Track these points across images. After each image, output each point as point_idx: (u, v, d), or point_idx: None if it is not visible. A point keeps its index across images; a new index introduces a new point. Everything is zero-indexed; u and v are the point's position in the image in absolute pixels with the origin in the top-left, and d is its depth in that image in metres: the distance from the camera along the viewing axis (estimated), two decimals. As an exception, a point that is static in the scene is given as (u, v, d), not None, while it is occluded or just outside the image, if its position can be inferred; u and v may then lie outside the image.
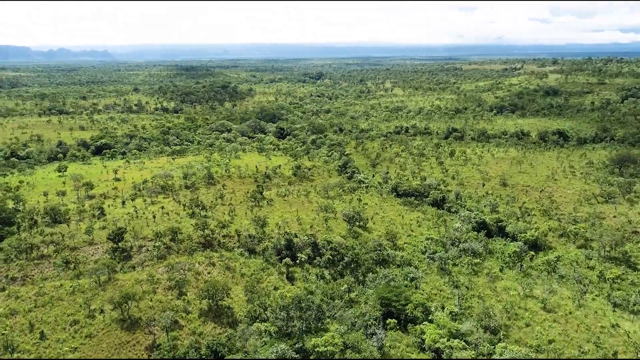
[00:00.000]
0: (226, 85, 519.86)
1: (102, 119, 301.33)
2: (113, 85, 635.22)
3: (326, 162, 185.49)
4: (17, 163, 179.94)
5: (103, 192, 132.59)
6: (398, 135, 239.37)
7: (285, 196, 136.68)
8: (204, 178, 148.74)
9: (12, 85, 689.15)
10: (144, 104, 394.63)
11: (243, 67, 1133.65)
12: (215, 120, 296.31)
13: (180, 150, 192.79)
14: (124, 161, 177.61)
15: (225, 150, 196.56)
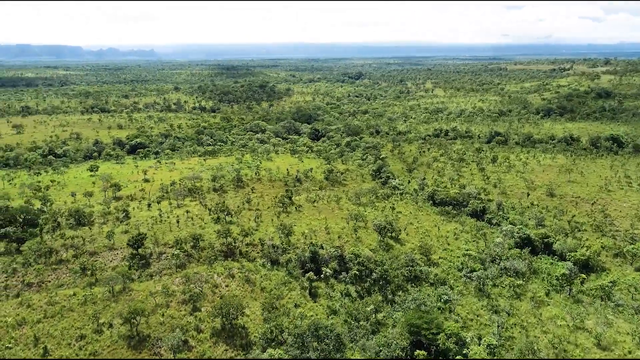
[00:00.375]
0: (264, 84, 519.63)
1: (141, 118, 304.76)
2: (156, 84, 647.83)
3: (360, 165, 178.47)
4: (53, 161, 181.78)
5: (130, 193, 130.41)
6: (437, 138, 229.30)
7: (315, 202, 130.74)
8: (233, 181, 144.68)
9: (62, 83, 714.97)
10: (182, 103, 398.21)
11: (283, 66, 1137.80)
12: (250, 120, 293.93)
13: (212, 150, 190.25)
14: (156, 161, 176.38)
15: (257, 151, 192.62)
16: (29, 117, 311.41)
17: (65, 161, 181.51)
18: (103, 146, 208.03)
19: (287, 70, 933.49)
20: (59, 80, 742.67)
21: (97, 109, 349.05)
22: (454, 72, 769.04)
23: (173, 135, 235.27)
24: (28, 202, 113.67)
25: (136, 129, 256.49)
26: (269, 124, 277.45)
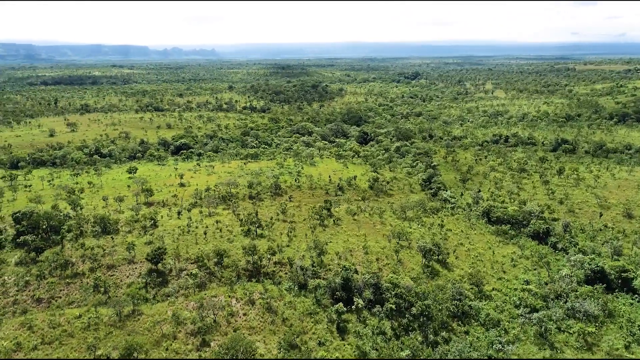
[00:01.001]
0: (316, 84, 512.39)
1: (191, 117, 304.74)
2: (212, 83, 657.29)
3: (409, 174, 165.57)
4: (98, 161, 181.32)
5: (163, 199, 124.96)
6: (496, 145, 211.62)
7: (356, 215, 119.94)
8: (270, 188, 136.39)
9: (124, 81, 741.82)
10: (234, 102, 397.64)
11: (339, 66, 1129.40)
12: (299, 121, 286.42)
13: (254, 154, 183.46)
14: (196, 164, 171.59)
15: (301, 155, 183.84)
16: (86, 114, 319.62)
17: (108, 161, 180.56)
18: (148, 146, 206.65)
19: (343, 70, 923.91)
20: (123, 79, 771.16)
21: (151, 108, 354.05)
22: (516, 72, 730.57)
23: (218, 136, 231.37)
24: (56, 207, 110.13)
25: (184, 128, 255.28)
26: (318, 125, 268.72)
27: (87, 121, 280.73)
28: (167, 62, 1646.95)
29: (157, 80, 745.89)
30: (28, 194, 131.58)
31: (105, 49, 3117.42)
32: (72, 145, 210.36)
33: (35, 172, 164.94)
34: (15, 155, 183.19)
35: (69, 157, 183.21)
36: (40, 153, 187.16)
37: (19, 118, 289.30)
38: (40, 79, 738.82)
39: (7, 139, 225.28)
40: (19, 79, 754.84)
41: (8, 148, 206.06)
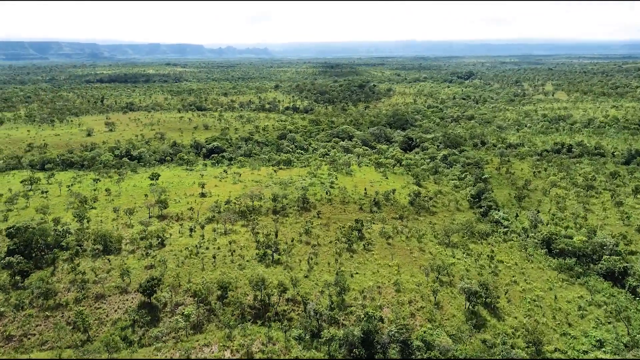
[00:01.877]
0: (364, 84, 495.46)
1: (231, 118, 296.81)
2: (259, 81, 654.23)
3: (456, 187, 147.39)
4: (126, 164, 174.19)
5: (178, 212, 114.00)
6: (557, 155, 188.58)
7: (391, 238, 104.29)
8: (298, 201, 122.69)
9: (176, 79, 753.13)
10: (277, 102, 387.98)
11: (389, 65, 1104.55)
12: (341, 123, 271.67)
13: (287, 160, 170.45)
14: (223, 170, 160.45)
15: (337, 163, 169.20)
16: (129, 113, 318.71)
17: (136, 165, 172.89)
18: (180, 149, 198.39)
19: (393, 69, 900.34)
20: (174, 77, 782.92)
21: (193, 107, 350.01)
22: (579, 72, 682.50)
23: (254, 138, 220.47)
24: (57, 220, 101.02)
25: (220, 129, 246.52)
26: (360, 128, 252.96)
27: (128, 120, 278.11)
28: (219, 61, 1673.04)
29: (207, 79, 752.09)
30: (42, 200, 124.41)
31: (163, 47, 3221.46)
32: (106, 146, 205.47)
33: (59, 175, 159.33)
34: (46, 156, 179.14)
35: (98, 159, 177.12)
36: (70, 154, 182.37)
37: (63, 116, 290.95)
38: (98, 77, 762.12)
39: (45, 137, 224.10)
40: (79, 77, 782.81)
41: (43, 148, 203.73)
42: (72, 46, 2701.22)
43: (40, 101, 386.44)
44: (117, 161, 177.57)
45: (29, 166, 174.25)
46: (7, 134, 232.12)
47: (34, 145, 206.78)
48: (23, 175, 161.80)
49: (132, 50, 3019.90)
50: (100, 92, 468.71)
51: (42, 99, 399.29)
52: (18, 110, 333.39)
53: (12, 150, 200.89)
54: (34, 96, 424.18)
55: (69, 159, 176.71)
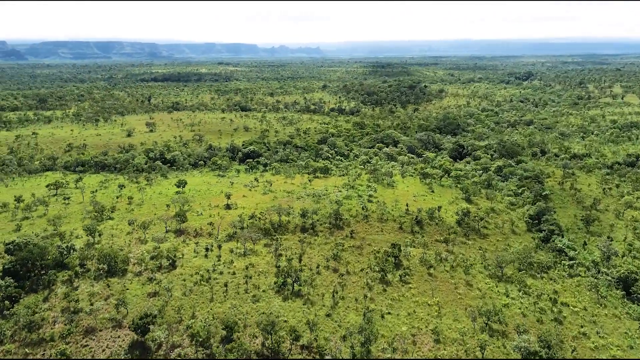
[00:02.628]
0: (414, 84, 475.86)
1: (273, 119, 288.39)
2: (308, 81, 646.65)
3: (512, 204, 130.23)
4: (158, 167, 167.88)
5: (197, 227, 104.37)
6: (631, 169, 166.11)
7: (432, 267, 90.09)
8: (330, 217, 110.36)
9: (226, 79, 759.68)
10: (322, 103, 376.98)
11: (443, 64, 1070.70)
12: (387, 127, 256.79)
13: (324, 167, 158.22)
14: (255, 177, 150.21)
15: (379, 172, 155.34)
16: (173, 113, 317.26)
17: (166, 170, 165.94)
18: (215, 152, 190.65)
19: (446, 69, 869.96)
20: (225, 76, 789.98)
21: (237, 107, 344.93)
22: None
23: (293, 142, 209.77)
24: (62, 235, 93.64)
25: (260, 132, 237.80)
26: (407, 133, 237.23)
27: (170, 120, 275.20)
28: (271, 60, 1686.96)
29: (257, 78, 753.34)
30: (61, 208, 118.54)
31: (218, 47, 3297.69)
32: (143, 148, 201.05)
33: (88, 178, 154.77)
34: (81, 158, 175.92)
35: (131, 162, 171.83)
36: (104, 156, 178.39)
37: (108, 115, 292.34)
38: (152, 76, 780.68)
39: (86, 137, 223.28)
40: (135, 75, 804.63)
41: (82, 148, 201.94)
42: (133, 46, 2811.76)
43: (92, 100, 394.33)
44: (150, 164, 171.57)
45: (63, 168, 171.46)
46: (51, 133, 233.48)
47: (74, 145, 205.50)
48: (55, 177, 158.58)
49: (188, 50, 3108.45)
50: (150, 91, 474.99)
51: (94, 98, 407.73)
52: (70, 109, 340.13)
53: (52, 150, 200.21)
54: (87, 95, 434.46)
55: (102, 161, 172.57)
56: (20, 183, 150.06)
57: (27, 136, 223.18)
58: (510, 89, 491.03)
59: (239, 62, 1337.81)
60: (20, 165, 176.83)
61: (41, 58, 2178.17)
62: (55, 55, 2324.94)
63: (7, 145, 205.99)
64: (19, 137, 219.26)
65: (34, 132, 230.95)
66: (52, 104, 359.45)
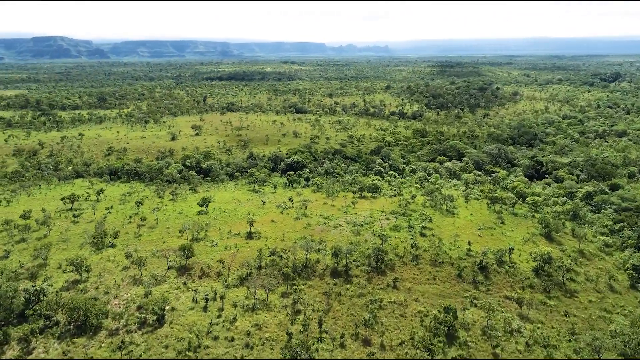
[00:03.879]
0: (485, 86, 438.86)
1: (327, 123, 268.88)
2: (371, 81, 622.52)
3: (607, 246, 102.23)
4: (190, 178, 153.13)
5: (205, 264, 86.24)
6: None
7: (499, 346, 66.35)
8: (370, 258, 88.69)
9: (289, 78, 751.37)
10: (382, 106, 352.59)
11: (517, 64, 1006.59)
12: (452, 135, 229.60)
13: (373, 186, 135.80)
14: (290, 197, 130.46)
15: (437, 194, 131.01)
16: (226, 114, 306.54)
17: (197, 182, 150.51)
18: (255, 161, 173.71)
19: (521, 69, 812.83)
20: (288, 75, 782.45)
21: (292, 109, 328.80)
22: None
23: (344, 151, 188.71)
24: (34, 274, 78.44)
25: (310, 138, 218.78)
26: (475, 143, 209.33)
27: (219, 123, 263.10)
28: (338, 59, 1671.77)
29: (319, 77, 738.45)
30: (67, 227, 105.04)
31: (286, 46, 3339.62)
32: (183, 153, 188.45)
33: (114, 189, 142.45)
34: (113, 165, 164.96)
35: (165, 171, 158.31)
36: (137, 164, 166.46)
37: (159, 116, 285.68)
38: (219, 74, 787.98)
39: (130, 140, 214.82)
40: (202, 74, 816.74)
41: (122, 152, 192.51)
42: (206, 44, 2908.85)
43: (152, 99, 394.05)
44: (183, 174, 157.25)
45: (95, 175, 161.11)
46: (97, 135, 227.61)
47: (114, 149, 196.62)
48: (82, 185, 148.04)
49: (258, 49, 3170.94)
50: (210, 90, 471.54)
51: (154, 97, 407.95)
52: (127, 108, 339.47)
53: (92, 154, 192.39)
54: (148, 94, 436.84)
55: (135, 169, 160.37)
56: (45, 192, 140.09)
57: (72, 137, 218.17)
58: (595, 92, 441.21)
59: (304, 61, 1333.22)
60: (56, 169, 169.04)
61: (122, 56, 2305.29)
62: (135, 54, 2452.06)
63: (51, 147, 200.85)
64: (64, 139, 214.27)
65: (81, 133, 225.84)
66: (111, 102, 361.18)
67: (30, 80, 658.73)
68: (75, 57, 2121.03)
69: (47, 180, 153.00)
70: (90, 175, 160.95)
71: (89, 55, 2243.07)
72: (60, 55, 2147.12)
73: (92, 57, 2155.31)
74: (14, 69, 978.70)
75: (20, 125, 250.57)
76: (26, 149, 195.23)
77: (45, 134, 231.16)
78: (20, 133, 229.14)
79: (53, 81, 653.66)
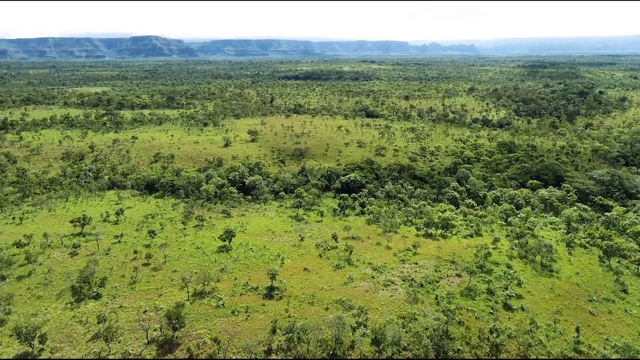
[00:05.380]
0: (586, 90, 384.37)
1: (399, 130, 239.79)
2: (453, 82, 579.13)
3: None
4: (230, 197, 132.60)
5: (195, 342, 63.37)
6: None
7: None
8: (426, 348, 61.53)
9: (366, 77, 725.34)
10: (464, 111, 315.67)
11: (622, 64, 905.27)
12: (546, 150, 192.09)
13: (444, 221, 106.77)
14: (333, 235, 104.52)
15: (528, 237, 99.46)
16: (292, 116, 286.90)
17: (235, 202, 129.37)
18: (307, 177, 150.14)
19: (626, 70, 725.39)
20: (366, 75, 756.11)
21: (363, 113, 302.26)
22: None
23: (411, 169, 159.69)
24: None
25: (375, 149, 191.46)
26: (577, 163, 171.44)
27: (280, 127, 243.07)
28: (419, 58, 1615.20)
29: (398, 77, 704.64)
30: (61, 261, 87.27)
31: (368, 44, 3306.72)
32: (230, 163, 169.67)
33: (142, 205, 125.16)
34: (150, 176, 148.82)
35: (204, 186, 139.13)
36: (175, 177, 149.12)
37: (219, 118, 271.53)
38: (296, 73, 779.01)
39: (182, 145, 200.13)
40: (279, 72, 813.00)
41: (169, 159, 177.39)
42: (289, 43, 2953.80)
43: (221, 99, 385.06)
44: (224, 189, 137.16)
45: (133, 187, 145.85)
46: (151, 138, 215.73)
47: (162, 155, 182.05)
48: (111, 200, 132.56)
49: (340, 47, 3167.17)
50: (281, 90, 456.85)
51: (223, 97, 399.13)
52: (194, 108, 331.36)
53: (139, 160, 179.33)
54: (219, 93, 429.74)
55: (172, 182, 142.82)
56: (69, 207, 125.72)
57: (125, 140, 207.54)
58: None
59: (384, 60, 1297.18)
60: (97, 177, 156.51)
61: (210, 55, 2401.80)
62: (222, 52, 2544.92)
63: (100, 151, 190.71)
64: (116, 142, 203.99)
65: (134, 136, 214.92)
66: (179, 102, 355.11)
67: (119, 78, 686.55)
68: (167, 55, 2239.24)
69: (77, 192, 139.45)
70: (126, 188, 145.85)
71: (179, 54, 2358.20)
72: (154, 53, 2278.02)
73: (182, 56, 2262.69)
74: (109, 67, 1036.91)
75: (81, 125, 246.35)
76: (75, 152, 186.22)
77: (102, 135, 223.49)
78: (77, 134, 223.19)
79: (139, 79, 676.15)
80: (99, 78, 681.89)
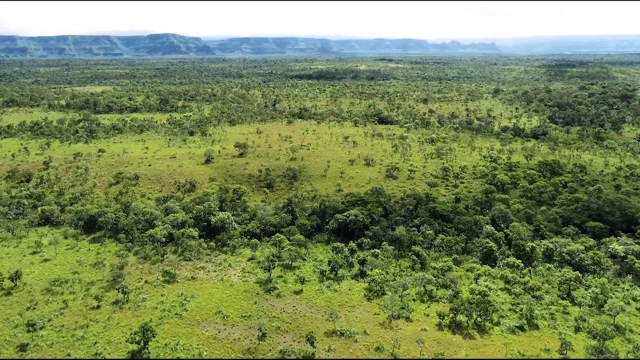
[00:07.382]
0: (628, 94, 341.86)
1: (416, 142, 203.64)
2: (476, 82, 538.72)
3: None
4: (186, 244, 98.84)
5: None
6: None
7: None
8: None
9: (383, 77, 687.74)
10: (491, 117, 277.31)
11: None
12: (600, 172, 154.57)
13: (480, 298, 71.44)
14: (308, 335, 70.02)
15: (611, 331, 63.80)
16: (294, 122, 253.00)
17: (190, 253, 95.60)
18: (294, 213, 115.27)
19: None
20: (383, 74, 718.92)
21: (374, 119, 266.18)
22: None
23: (430, 200, 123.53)
24: None
25: (386, 169, 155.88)
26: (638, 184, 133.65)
27: (277, 137, 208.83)
28: (439, 56, 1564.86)
29: (416, 77, 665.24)
30: None
31: (387, 42, 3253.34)
32: (208, 186, 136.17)
33: (68, 255, 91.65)
34: (88, 211, 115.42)
35: (148, 232, 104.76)
36: (122, 214, 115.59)
37: (210, 125, 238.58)
38: (309, 72, 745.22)
39: (155, 161, 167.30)
40: (293, 71, 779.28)
41: (132, 181, 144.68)
42: (306, 41, 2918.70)
43: (221, 101, 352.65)
44: (181, 231, 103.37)
45: (70, 224, 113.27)
46: (123, 150, 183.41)
47: (124, 175, 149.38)
48: (30, 244, 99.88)
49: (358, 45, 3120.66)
50: (287, 92, 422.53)
51: (223, 98, 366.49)
52: (190, 111, 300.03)
53: (97, 181, 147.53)
54: (221, 94, 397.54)
55: (117, 221, 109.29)
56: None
57: (88, 155, 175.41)
58: None
59: (402, 59, 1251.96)
60: (35, 207, 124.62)
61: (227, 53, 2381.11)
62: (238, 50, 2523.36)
63: (55, 169, 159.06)
64: (78, 156, 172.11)
65: (101, 148, 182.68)
66: (173, 104, 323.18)
67: (127, 76, 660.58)
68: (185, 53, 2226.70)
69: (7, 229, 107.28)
70: (61, 224, 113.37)
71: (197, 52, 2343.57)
72: (172, 51, 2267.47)
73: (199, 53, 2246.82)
74: (123, 64, 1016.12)
75: (49, 133, 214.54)
76: (22, 171, 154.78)
77: (68, 146, 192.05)
78: (39, 145, 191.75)
79: (147, 77, 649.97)
80: (108, 76, 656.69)
